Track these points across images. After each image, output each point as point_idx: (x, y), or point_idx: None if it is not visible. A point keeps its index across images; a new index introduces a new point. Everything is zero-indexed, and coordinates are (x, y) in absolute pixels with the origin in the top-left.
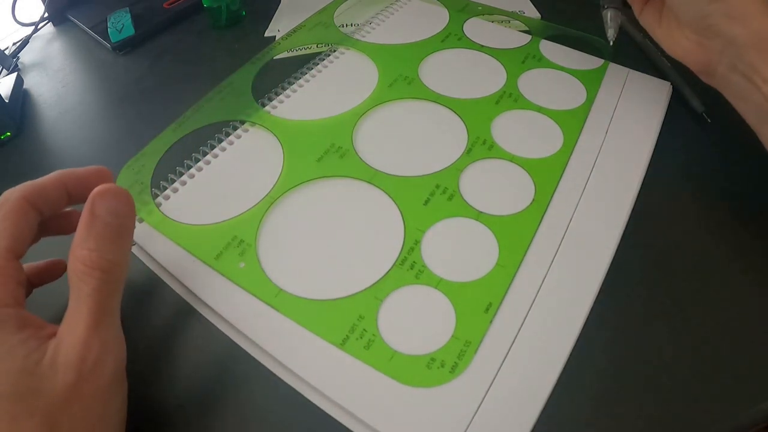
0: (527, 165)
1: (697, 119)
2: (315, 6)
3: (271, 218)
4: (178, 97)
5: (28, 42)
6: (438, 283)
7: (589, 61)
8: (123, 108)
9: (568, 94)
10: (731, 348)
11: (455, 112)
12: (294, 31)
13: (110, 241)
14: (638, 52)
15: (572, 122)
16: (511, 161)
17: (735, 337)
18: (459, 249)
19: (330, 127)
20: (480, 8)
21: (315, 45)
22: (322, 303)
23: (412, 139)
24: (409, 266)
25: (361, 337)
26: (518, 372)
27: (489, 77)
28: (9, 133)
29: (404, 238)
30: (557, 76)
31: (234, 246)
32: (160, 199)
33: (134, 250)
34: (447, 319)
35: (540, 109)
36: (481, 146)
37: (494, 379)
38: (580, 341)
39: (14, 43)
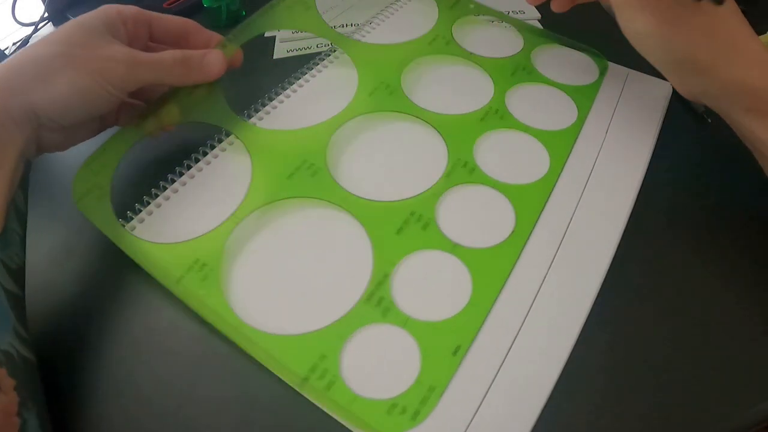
0: (509, 192)
1: (697, 119)
2: None
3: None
4: None
5: (28, 42)
6: (405, 323)
7: (583, 75)
8: None
9: (559, 113)
10: (731, 348)
11: (437, 130)
12: (271, 7)
13: (185, 64)
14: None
15: (560, 146)
16: (492, 187)
17: (735, 337)
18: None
19: (304, 139)
20: (472, 6)
21: (315, 46)
22: (283, 339)
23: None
24: (377, 302)
25: (322, 378)
26: (513, 378)
27: (475, 90)
28: None
29: (373, 271)
30: (548, 93)
31: (196, 270)
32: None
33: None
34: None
35: (527, 130)
36: (462, 169)
37: (490, 385)
38: (580, 341)
39: (14, 43)
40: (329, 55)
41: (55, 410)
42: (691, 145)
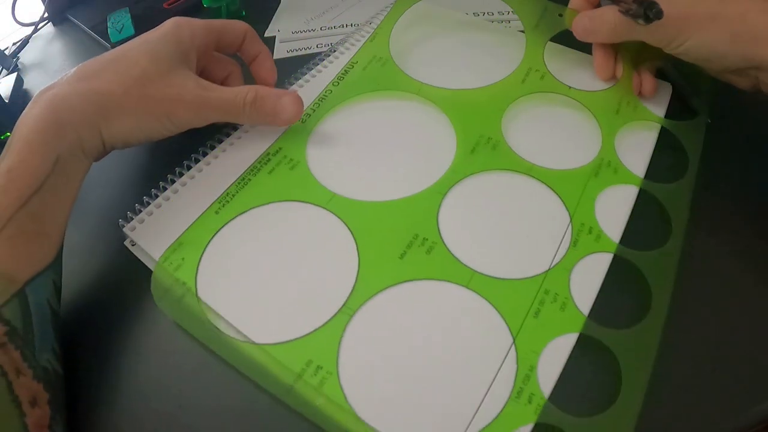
0: (640, 261)
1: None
2: (315, 7)
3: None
4: None
5: (28, 42)
6: (560, 421)
7: (680, 110)
8: None
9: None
10: (731, 348)
11: (552, 189)
12: (345, 72)
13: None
14: None
15: (677, 200)
16: (622, 255)
17: (735, 337)
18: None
19: (409, 211)
20: (560, 15)
21: (315, 46)
22: None
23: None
24: (527, 400)
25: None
26: None
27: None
28: (9, 134)
29: (517, 363)
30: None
31: (310, 374)
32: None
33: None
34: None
35: (638, 182)
36: (587, 236)
37: (494, 378)
38: (580, 342)
39: (14, 43)
40: (329, 55)
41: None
42: (691, 145)
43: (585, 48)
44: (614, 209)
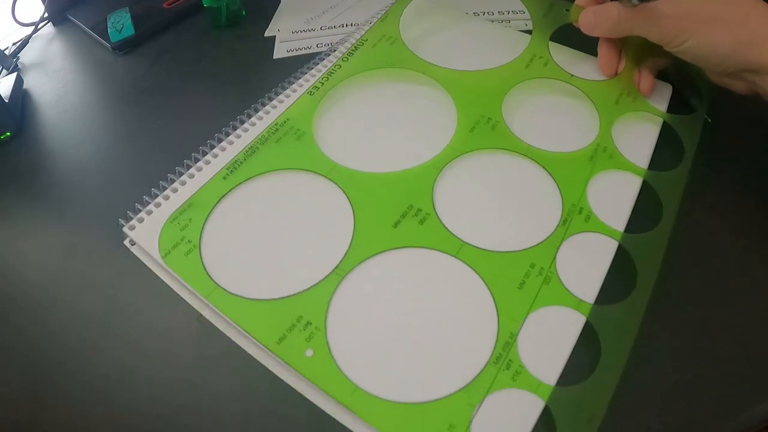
0: (628, 243)
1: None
2: (315, 7)
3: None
4: (178, 97)
5: (28, 42)
6: (537, 388)
7: (679, 106)
8: (122, 108)
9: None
10: (731, 348)
11: (546, 170)
12: (355, 48)
13: None
14: None
15: (669, 188)
16: (610, 237)
17: (735, 337)
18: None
19: (406, 183)
20: (567, 11)
21: (315, 45)
22: (406, 407)
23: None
24: (505, 366)
25: None
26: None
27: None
28: (9, 133)
29: (498, 330)
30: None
31: (299, 329)
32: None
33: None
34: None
35: (635, 170)
36: (578, 216)
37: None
38: (580, 342)
39: (14, 43)
40: (329, 54)
41: (55, 409)
42: (688, 136)
43: (590, 50)
44: (606, 193)
